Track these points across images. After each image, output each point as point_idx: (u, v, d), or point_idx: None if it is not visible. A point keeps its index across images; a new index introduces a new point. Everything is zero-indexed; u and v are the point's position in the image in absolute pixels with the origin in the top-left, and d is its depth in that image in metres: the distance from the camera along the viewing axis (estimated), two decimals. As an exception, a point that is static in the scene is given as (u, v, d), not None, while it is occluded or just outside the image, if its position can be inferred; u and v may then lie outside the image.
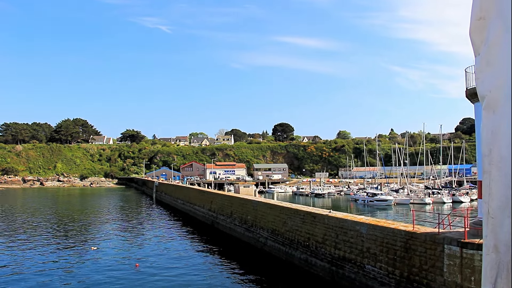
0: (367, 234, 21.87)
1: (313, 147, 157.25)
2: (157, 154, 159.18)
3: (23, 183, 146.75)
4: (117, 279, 26.53)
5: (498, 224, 1.74)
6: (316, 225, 26.87)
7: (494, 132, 1.79)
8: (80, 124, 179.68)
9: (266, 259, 31.39)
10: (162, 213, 65.33)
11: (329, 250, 25.10)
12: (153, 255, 33.61)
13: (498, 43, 1.77)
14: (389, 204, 68.14)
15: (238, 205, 41.32)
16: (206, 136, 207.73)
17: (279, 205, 32.42)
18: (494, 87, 1.79)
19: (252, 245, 36.00)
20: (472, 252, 15.84)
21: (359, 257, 22.36)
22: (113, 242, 39.85)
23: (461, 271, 16.15)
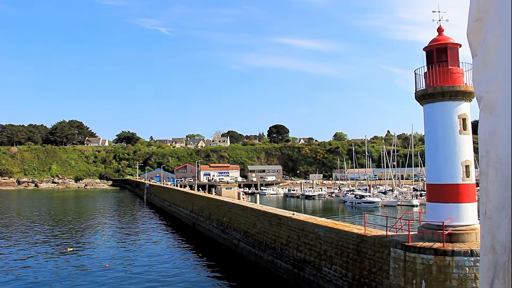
0: (324, 237, 21.76)
1: (307, 148, 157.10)
2: (152, 156, 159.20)
3: (18, 185, 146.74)
4: (83, 279, 26.60)
5: (495, 225, 1.74)
6: (281, 227, 26.75)
7: (491, 134, 1.78)
8: (76, 126, 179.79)
9: (238, 261, 31.28)
10: (150, 214, 65.19)
11: (292, 252, 25.00)
12: (127, 255, 33.69)
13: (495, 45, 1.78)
14: (377, 206, 67.92)
15: (216, 207, 41.22)
16: (203, 137, 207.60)
17: (249, 207, 32.31)
18: (491, 89, 1.79)
19: (227, 247, 35.92)
20: (414, 255, 15.74)
21: (317, 259, 22.25)
22: (92, 243, 39.89)
23: (404, 274, 16.04)
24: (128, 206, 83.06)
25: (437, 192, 16.71)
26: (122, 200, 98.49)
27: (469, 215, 16.24)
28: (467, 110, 16.67)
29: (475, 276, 14.72)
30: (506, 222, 1.68)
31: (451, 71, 16.70)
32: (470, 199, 16.37)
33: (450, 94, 16.33)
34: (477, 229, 16.20)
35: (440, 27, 17.72)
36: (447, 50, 16.97)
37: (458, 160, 16.27)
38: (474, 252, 14.81)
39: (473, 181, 16.55)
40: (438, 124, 16.67)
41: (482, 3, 1.86)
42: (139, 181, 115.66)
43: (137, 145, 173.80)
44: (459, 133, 16.32)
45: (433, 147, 16.92)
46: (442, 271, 15.01)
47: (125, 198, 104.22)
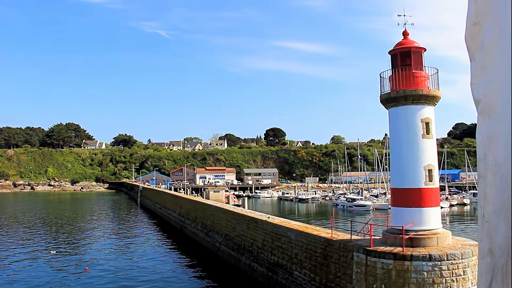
0: (295, 240, 21.70)
1: (303, 152, 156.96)
2: (148, 159, 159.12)
3: (14, 188, 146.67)
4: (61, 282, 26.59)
5: (493, 228, 1.74)
6: (257, 231, 26.70)
7: (489, 137, 1.78)
8: (73, 129, 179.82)
9: (219, 264, 31.14)
10: (141, 217, 65.09)
11: (266, 255, 24.93)
12: (110, 258, 33.69)
13: (493, 48, 1.78)
14: (368, 209, 67.78)
15: (201, 210, 41.15)
16: (200, 140, 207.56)
17: (230, 210, 32.24)
18: (489, 92, 1.79)
19: (210, 250, 35.81)
20: (375, 260, 15.67)
21: (289, 263, 22.18)
22: (77, 246, 39.84)
23: (366, 278, 15.97)
24: (121, 209, 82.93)
25: (401, 196, 16.65)
26: (116, 203, 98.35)
27: (432, 219, 16.17)
28: (431, 114, 16.63)
29: (433, 281, 14.66)
30: (504, 225, 1.67)
31: (415, 75, 16.67)
32: (433, 204, 16.30)
33: (412, 98, 16.30)
34: (439, 233, 16.14)
35: (406, 30, 17.72)
36: (411, 54, 16.96)
37: (421, 164, 16.20)
38: (433, 256, 14.75)
39: (436, 185, 16.48)
40: (402, 128, 16.63)
41: (480, 6, 1.85)
42: (134, 184, 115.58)
43: (134, 148, 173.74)
44: (422, 137, 16.27)
45: (397, 151, 16.88)
46: (401, 275, 14.94)
47: (120, 201, 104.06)
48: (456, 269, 14.75)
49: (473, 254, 15.28)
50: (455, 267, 14.75)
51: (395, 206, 16.95)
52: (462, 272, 14.85)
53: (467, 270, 14.95)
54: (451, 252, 14.86)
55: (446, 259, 14.70)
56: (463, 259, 14.90)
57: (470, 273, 15.01)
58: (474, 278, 15.11)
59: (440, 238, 15.94)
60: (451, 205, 73.55)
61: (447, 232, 16.58)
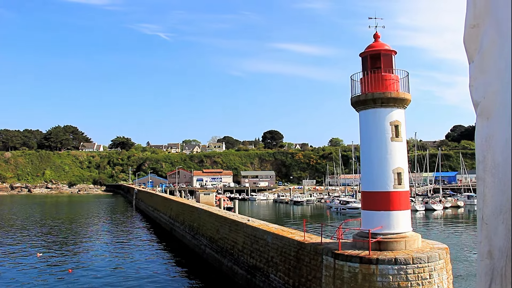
0: (272, 243, 21.64)
1: (301, 154, 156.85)
2: (146, 161, 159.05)
3: (11, 190, 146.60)
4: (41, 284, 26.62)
5: (492, 230, 1.73)
6: (238, 233, 26.64)
7: (488, 139, 1.78)
8: (70, 131, 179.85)
9: (204, 267, 31.02)
10: (134, 220, 64.99)
11: (246, 258, 24.87)
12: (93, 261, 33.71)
13: (491, 50, 1.78)
14: (360, 212, 67.60)
15: (188, 213, 41.10)
16: (199, 143, 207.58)
17: (214, 213, 32.18)
18: (488, 94, 1.79)
19: (196, 252, 35.75)
20: (342, 263, 15.61)
21: (266, 266, 22.12)
22: (65, 248, 39.80)
23: (334, 282, 15.90)
24: (115, 211, 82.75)
25: (370, 200, 16.60)
26: (111, 205, 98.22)
27: (400, 223, 16.10)
28: (400, 117, 16.57)
29: (399, 285, 14.58)
30: (503, 227, 1.67)
31: (384, 78, 16.63)
32: (402, 207, 16.23)
33: (381, 100, 16.25)
34: (408, 237, 16.07)
35: (376, 33, 17.70)
36: (381, 56, 16.92)
37: (390, 167, 16.14)
38: (398, 260, 14.67)
39: (406, 188, 16.41)
40: (371, 131, 16.58)
41: (478, 9, 1.85)
42: (130, 186, 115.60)
43: (132, 150, 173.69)
44: (390, 140, 16.21)
45: (367, 154, 16.82)
46: (367, 279, 14.87)
47: (116, 203, 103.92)
48: (422, 273, 14.66)
49: (440, 258, 15.20)
50: (421, 271, 14.66)
51: (364, 209, 16.90)
52: (428, 275, 14.76)
53: (434, 273, 14.87)
54: (417, 256, 14.78)
55: (412, 263, 14.62)
56: (429, 262, 14.81)
57: (436, 277, 14.93)
58: (441, 282, 15.04)
59: (409, 241, 15.86)
60: (445, 208, 73.42)
61: (417, 236, 16.50)
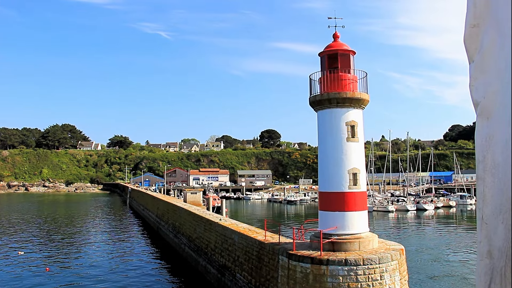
0: (238, 243, 21.63)
1: (297, 153, 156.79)
2: (143, 160, 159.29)
3: (8, 189, 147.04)
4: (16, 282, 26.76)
5: (492, 230, 1.72)
6: (211, 233, 26.66)
7: (488, 139, 1.77)
8: (68, 130, 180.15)
9: (182, 266, 30.99)
10: (124, 219, 65.08)
11: (217, 257, 24.89)
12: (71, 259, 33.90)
13: (491, 50, 1.78)
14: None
15: (172, 212, 41.14)
16: (198, 142, 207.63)
17: (192, 212, 32.19)
18: (488, 94, 1.78)
19: (177, 251, 35.76)
20: (295, 263, 15.58)
21: (233, 265, 22.13)
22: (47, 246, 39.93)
23: (288, 282, 15.87)
24: (108, 210, 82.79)
25: (325, 200, 16.56)
26: (106, 204, 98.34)
27: (355, 224, 16.05)
28: (357, 117, 16.51)
29: (348, 286, 14.54)
30: (502, 227, 1.66)
31: (341, 78, 16.57)
32: (357, 208, 16.18)
33: (337, 100, 16.19)
34: (362, 238, 16.01)
35: (336, 33, 17.63)
36: (338, 56, 16.86)
37: (345, 168, 16.09)
38: (348, 261, 14.63)
39: (362, 189, 16.35)
40: (327, 131, 16.53)
41: (479, 9, 1.85)
42: (125, 185, 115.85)
43: (129, 149, 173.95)
44: (346, 141, 16.15)
45: (323, 155, 16.77)
46: (318, 279, 14.83)
47: (111, 202, 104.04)
48: (372, 274, 14.61)
49: (393, 259, 15.14)
50: (372, 272, 14.61)
51: (321, 210, 16.85)
52: (379, 277, 14.71)
53: (385, 275, 14.81)
54: (368, 257, 14.73)
55: (362, 264, 14.57)
56: (380, 263, 14.76)
57: (388, 278, 14.87)
58: (393, 283, 14.99)
59: (363, 242, 15.81)
60: (437, 208, 73.26)
61: (372, 236, 16.45)
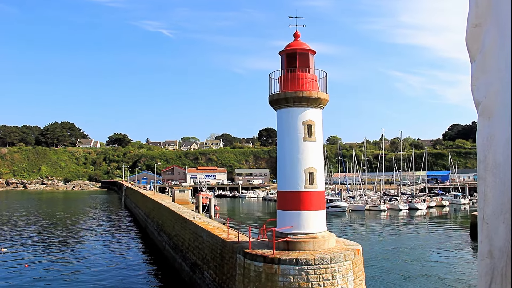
0: (206, 241, 21.71)
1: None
2: (141, 158, 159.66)
3: (6, 186, 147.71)
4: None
5: (492, 230, 1.73)
6: (186, 231, 26.77)
7: (489, 139, 1.77)
8: (67, 128, 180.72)
9: (164, 265, 31.03)
10: (116, 217, 65.30)
11: (190, 255, 25.00)
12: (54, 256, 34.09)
13: (493, 50, 1.77)
14: (343, 210, 67.53)
15: (157, 210, 41.27)
16: (197, 140, 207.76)
17: (172, 210, 32.27)
18: (490, 94, 1.78)
19: (160, 249, 35.85)
20: (249, 262, 15.64)
21: (202, 263, 22.23)
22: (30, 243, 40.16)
23: (243, 280, 15.93)
24: (103, 207, 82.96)
25: (283, 199, 16.59)
26: (103, 202, 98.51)
27: (311, 223, 16.06)
28: (315, 116, 16.50)
29: (299, 285, 14.56)
30: (503, 227, 1.66)
31: (299, 77, 16.56)
32: (313, 207, 16.19)
33: (293, 100, 16.19)
34: (318, 237, 16.03)
35: (296, 32, 17.61)
36: (297, 55, 16.85)
37: (301, 167, 16.10)
38: (299, 261, 14.65)
39: (318, 188, 16.35)
40: (284, 130, 16.55)
41: (480, 8, 1.85)
42: (121, 183, 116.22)
43: (128, 147, 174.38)
44: (303, 140, 16.16)
45: (281, 154, 16.80)
46: (269, 278, 14.87)
47: (107, 200, 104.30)
48: (323, 274, 14.62)
49: (346, 259, 15.14)
50: (323, 272, 14.62)
51: (279, 209, 16.88)
52: (331, 276, 14.72)
53: (337, 275, 14.82)
54: (319, 257, 14.75)
55: (313, 264, 14.59)
56: (332, 263, 14.77)
57: (340, 278, 14.88)
58: (346, 283, 14.99)
59: (318, 242, 15.82)
60: (429, 207, 73.08)
61: (329, 236, 16.46)
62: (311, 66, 17.04)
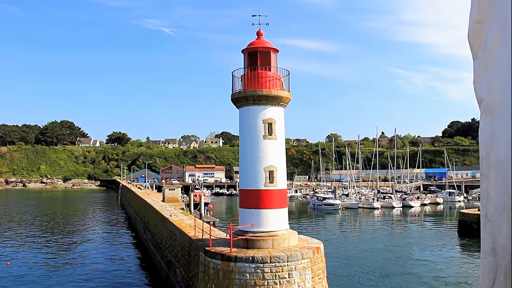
0: (178, 239, 21.80)
1: (294, 150, 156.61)
2: (140, 157, 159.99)
3: (6, 185, 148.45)
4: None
5: (495, 227, 1.72)
6: (164, 228, 26.89)
7: (492, 136, 1.77)
8: (67, 126, 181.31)
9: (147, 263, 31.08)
10: (109, 215, 65.48)
11: (166, 253, 25.13)
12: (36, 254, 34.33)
13: (495, 47, 1.76)
14: (337, 208, 67.53)
15: (144, 208, 41.39)
16: (197, 138, 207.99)
17: (154, 207, 32.37)
18: (492, 91, 1.78)
19: (145, 248, 35.96)
20: (209, 259, 15.71)
21: (175, 260, 22.37)
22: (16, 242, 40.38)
23: (204, 278, 16.01)
24: (100, 206, 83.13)
25: (244, 197, 16.65)
26: (100, 200, 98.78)
27: (271, 221, 16.10)
28: (275, 114, 16.51)
29: (255, 283, 14.61)
30: (506, 225, 1.65)
31: (260, 75, 16.58)
32: (273, 205, 16.22)
33: (253, 98, 16.22)
34: (277, 235, 16.06)
35: (259, 30, 17.61)
36: (258, 54, 16.85)
37: (261, 166, 16.14)
38: (255, 259, 14.69)
39: (279, 187, 16.36)
40: (245, 129, 16.59)
41: (483, 5, 1.84)
42: (119, 181, 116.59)
43: (127, 145, 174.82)
44: (263, 138, 16.19)
45: (243, 152, 16.84)
46: (227, 276, 14.94)
47: (105, 198, 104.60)
48: (279, 272, 14.66)
49: (304, 257, 15.15)
50: (279, 270, 14.66)
51: (241, 207, 16.94)
52: (287, 275, 14.75)
53: (294, 273, 14.85)
54: (275, 255, 14.78)
55: (269, 262, 14.62)
56: (288, 262, 14.79)
57: (297, 276, 14.90)
58: (303, 281, 15.02)
59: (277, 240, 15.86)
60: (423, 204, 72.95)
61: (290, 234, 16.48)
62: (273, 64, 17.04)
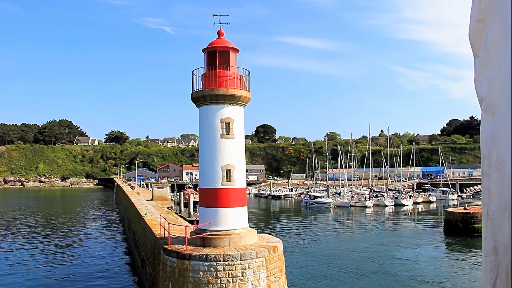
0: (148, 237, 21.94)
1: (291, 148, 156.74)
2: (138, 155, 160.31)
3: (4, 184, 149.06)
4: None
5: (497, 226, 1.71)
6: (140, 227, 27.07)
7: (493, 135, 1.76)
8: (65, 125, 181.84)
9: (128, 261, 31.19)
10: (103, 214, 65.76)
11: (141, 251, 25.28)
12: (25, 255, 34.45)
13: (496, 46, 1.76)
14: (328, 207, 67.55)
15: (130, 206, 41.55)
16: (196, 137, 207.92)
17: (135, 205, 32.51)
18: (493, 89, 1.77)
19: (130, 247, 36.06)
20: (167, 257, 15.84)
21: (146, 258, 22.49)
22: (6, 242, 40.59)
23: (162, 275, 16.14)
24: (95, 204, 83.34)
25: (202, 196, 16.75)
26: (96, 199, 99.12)
27: (228, 220, 16.20)
28: (234, 114, 16.59)
29: (208, 281, 14.72)
30: (508, 223, 1.64)
31: (218, 75, 16.66)
32: (231, 204, 16.31)
33: (211, 97, 16.31)
34: (234, 234, 16.16)
35: (220, 30, 17.67)
36: (217, 53, 16.93)
37: (219, 165, 16.23)
38: (209, 257, 14.79)
39: (236, 185, 16.45)
40: (203, 128, 16.71)
41: (484, 3, 1.83)
42: (115, 180, 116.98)
43: (125, 144, 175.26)
44: (220, 137, 16.28)
45: (201, 151, 16.94)
46: (182, 274, 15.06)
47: (102, 197, 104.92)
48: (233, 270, 14.76)
49: (258, 256, 15.23)
50: (232, 268, 14.76)
51: (200, 206, 17.06)
52: (241, 273, 14.85)
53: (247, 271, 14.94)
54: (229, 253, 14.88)
55: (223, 260, 14.73)
56: (242, 260, 14.89)
57: (251, 275, 14.99)
58: (257, 280, 15.11)
59: (233, 238, 15.95)
60: (416, 203, 72.88)
61: (248, 233, 16.57)
62: (233, 64, 17.11)
